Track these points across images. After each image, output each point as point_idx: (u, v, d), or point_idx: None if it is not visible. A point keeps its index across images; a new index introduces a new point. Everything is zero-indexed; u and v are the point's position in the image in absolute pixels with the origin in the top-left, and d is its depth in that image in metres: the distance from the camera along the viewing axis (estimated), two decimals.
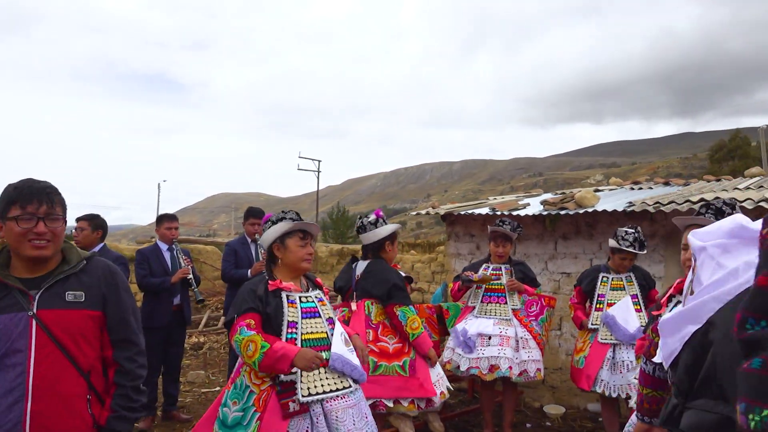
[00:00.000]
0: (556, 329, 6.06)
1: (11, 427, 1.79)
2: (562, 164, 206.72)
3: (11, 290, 1.89)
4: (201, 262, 12.11)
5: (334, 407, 2.63)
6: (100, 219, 4.79)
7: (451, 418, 5.36)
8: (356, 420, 2.67)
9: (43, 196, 1.93)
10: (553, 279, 6.12)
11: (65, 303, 1.92)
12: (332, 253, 12.15)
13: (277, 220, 2.83)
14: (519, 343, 4.64)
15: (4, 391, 1.80)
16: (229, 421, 2.59)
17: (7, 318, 1.84)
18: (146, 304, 5.25)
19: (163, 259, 5.30)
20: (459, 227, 6.76)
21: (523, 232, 4.98)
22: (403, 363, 3.68)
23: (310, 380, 2.63)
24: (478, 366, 4.54)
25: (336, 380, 2.69)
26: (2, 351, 1.81)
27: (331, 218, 47.06)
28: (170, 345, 5.32)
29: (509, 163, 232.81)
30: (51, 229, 1.92)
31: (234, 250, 5.54)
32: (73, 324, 1.92)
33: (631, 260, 4.47)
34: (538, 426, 5.33)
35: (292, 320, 2.69)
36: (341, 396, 2.67)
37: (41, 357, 1.85)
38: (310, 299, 2.82)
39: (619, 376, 4.27)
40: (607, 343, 4.38)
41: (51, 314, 1.89)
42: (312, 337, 2.71)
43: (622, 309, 4.33)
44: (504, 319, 4.67)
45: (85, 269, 2.02)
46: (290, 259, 2.80)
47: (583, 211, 5.54)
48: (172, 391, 5.41)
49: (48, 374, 1.85)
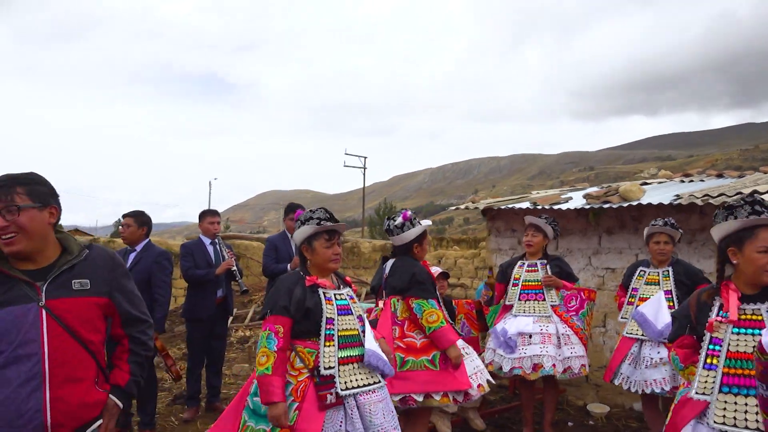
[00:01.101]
0: (600, 326, 5.92)
1: (32, 414, 1.85)
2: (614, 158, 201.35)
3: (16, 282, 1.92)
4: (248, 257, 12.37)
5: (367, 401, 2.73)
6: (146, 216, 4.95)
7: (491, 414, 5.30)
8: (385, 414, 2.77)
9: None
10: (597, 275, 5.97)
11: (72, 291, 1.98)
12: (375, 249, 12.21)
13: (304, 221, 2.87)
14: (561, 340, 4.54)
15: (23, 381, 1.85)
16: (262, 411, 2.64)
17: (17, 310, 1.89)
18: (190, 296, 5.40)
19: (206, 252, 5.44)
20: (500, 222, 6.67)
21: (558, 227, 4.86)
22: (432, 357, 3.65)
23: (345, 375, 2.73)
24: (521, 366, 4.45)
25: (367, 376, 2.80)
26: (16, 342, 1.86)
27: (378, 215, 47.40)
28: (213, 337, 5.46)
29: (559, 157, 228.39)
30: (12, 221, 1.90)
31: (275, 245, 5.64)
32: (81, 311, 1.98)
33: (667, 243, 4.28)
34: (580, 425, 5.21)
35: (330, 317, 2.77)
36: (372, 390, 2.78)
37: (55, 345, 1.91)
38: (343, 296, 2.90)
39: (639, 372, 4.16)
40: (632, 338, 4.27)
41: (60, 303, 1.94)
42: (346, 333, 2.80)
43: (653, 305, 4.19)
44: (543, 316, 4.58)
45: (87, 257, 2.07)
46: (317, 260, 2.87)
47: (627, 204, 5.38)
48: (215, 383, 5.55)
49: (62, 361, 1.92)
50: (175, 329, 9.18)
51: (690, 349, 2.46)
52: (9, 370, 1.85)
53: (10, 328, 1.87)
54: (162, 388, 6.17)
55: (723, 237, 2.46)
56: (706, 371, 2.31)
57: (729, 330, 2.29)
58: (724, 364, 2.26)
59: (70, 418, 1.92)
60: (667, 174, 7.70)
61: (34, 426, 1.85)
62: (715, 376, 2.27)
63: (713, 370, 2.29)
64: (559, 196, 6.42)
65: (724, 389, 2.24)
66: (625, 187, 5.63)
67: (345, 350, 2.76)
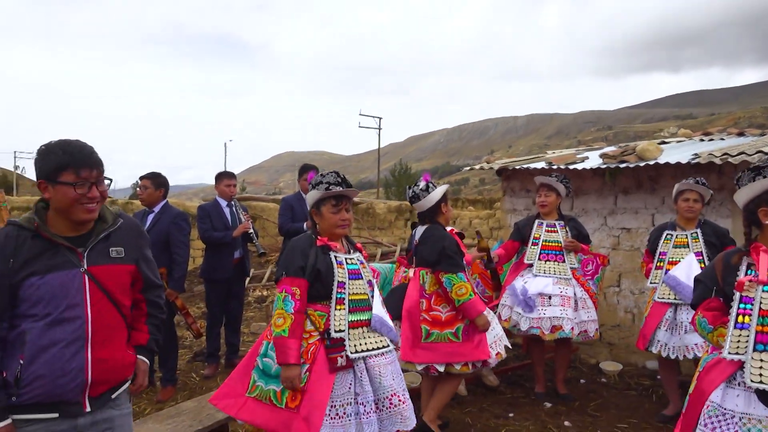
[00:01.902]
0: (615, 285, 5.93)
1: (76, 372, 1.95)
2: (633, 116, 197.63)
3: (59, 248, 2.00)
4: (264, 219, 12.47)
5: (376, 363, 2.79)
6: (162, 177, 4.99)
7: (505, 372, 5.40)
8: (394, 376, 2.85)
9: (92, 161, 2.01)
10: (612, 234, 5.95)
11: (110, 259, 2.08)
12: (390, 210, 12.23)
13: (314, 185, 2.88)
14: (578, 303, 4.59)
15: (68, 342, 1.95)
16: (273, 371, 2.70)
17: (63, 275, 1.97)
18: (208, 258, 5.49)
19: (223, 214, 5.50)
20: (515, 182, 6.64)
21: (570, 184, 4.84)
22: (456, 330, 3.73)
23: (355, 338, 2.77)
24: (539, 326, 4.49)
25: (376, 339, 2.85)
26: (63, 305, 1.95)
27: (393, 175, 47.26)
28: (231, 297, 5.57)
29: (576, 116, 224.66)
30: (101, 191, 2.04)
31: (290, 205, 5.68)
32: (117, 277, 2.09)
33: (696, 201, 4.21)
34: (592, 382, 5.28)
35: (341, 280, 2.79)
36: (382, 354, 2.83)
37: (96, 309, 2.01)
38: (354, 261, 2.91)
39: (677, 337, 4.12)
40: (666, 303, 4.22)
41: (100, 270, 2.04)
42: (357, 297, 2.83)
43: (684, 268, 4.14)
44: (563, 278, 4.60)
45: (121, 227, 2.15)
46: (325, 225, 2.89)
47: (644, 164, 5.31)
48: (233, 341, 5.69)
49: (102, 324, 2.02)
50: (194, 289, 9.37)
51: (718, 312, 2.42)
52: (55, 331, 1.94)
53: (57, 292, 1.95)
54: (182, 345, 6.34)
55: (752, 198, 2.40)
56: (738, 331, 2.28)
57: (760, 289, 2.25)
58: (757, 323, 2.23)
59: (107, 378, 2.04)
60: (687, 133, 7.56)
61: (76, 384, 1.95)
62: (748, 335, 2.24)
63: (746, 329, 2.25)
64: (574, 155, 6.35)
65: (759, 347, 2.21)
66: (642, 146, 5.54)
67: (355, 314, 2.80)
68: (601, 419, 4.38)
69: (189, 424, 3.12)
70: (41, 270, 1.94)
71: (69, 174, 1.96)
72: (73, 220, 2.03)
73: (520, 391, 5.01)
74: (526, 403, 4.70)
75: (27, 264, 1.94)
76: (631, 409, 4.59)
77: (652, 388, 5.04)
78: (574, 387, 5.08)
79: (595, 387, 5.14)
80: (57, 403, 1.95)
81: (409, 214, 12.91)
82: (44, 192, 2.01)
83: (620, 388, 5.11)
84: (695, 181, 4.23)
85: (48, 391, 1.93)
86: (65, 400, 1.96)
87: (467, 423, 4.26)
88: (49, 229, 2.01)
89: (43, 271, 1.95)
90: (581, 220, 6.02)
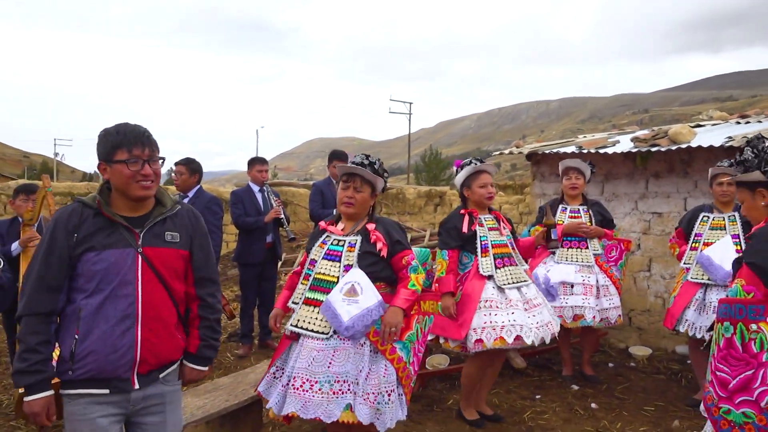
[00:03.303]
0: (645, 270, 5.89)
1: (126, 350, 2.04)
2: (670, 99, 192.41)
3: (118, 227, 2.10)
4: (295, 204, 12.64)
5: (307, 345, 2.77)
6: (196, 163, 5.14)
7: (532, 355, 5.44)
8: (312, 363, 2.72)
9: (145, 139, 2.11)
10: (643, 219, 5.90)
11: (165, 242, 2.16)
12: (420, 195, 12.27)
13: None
14: (600, 291, 4.59)
15: (119, 319, 2.04)
16: None
17: (118, 252, 2.07)
18: (241, 242, 5.64)
19: (255, 199, 5.64)
20: (545, 167, 6.62)
21: (594, 168, 4.83)
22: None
23: (303, 314, 2.84)
24: (561, 315, 4.50)
25: (322, 324, 2.78)
26: (116, 282, 2.05)
27: (424, 161, 47.10)
28: (264, 280, 5.72)
29: (611, 100, 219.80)
30: (154, 170, 2.13)
31: (320, 190, 5.78)
32: (170, 261, 2.16)
33: (731, 185, 4.16)
34: (620, 366, 5.29)
35: (313, 258, 2.94)
36: (315, 338, 2.77)
37: (147, 288, 2.09)
38: (341, 243, 2.92)
39: (705, 317, 4.11)
40: (697, 283, 4.21)
41: (153, 251, 2.12)
42: (322, 277, 2.86)
43: (719, 249, 4.11)
44: (586, 265, 4.61)
45: (178, 213, 2.24)
46: (338, 204, 3.03)
47: (676, 147, 5.25)
48: (266, 322, 5.84)
49: (152, 305, 2.10)
50: (228, 273, 9.59)
51: None
52: (107, 307, 2.04)
53: (111, 269, 2.05)
54: None
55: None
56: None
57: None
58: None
59: (154, 356, 2.11)
60: (723, 116, 7.41)
61: (126, 361, 2.04)
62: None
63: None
64: (606, 139, 6.29)
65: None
66: (674, 129, 5.47)
67: (314, 292, 2.84)
68: (628, 402, 4.40)
69: (225, 398, 3.26)
70: (98, 246, 2.05)
71: (122, 153, 2.06)
72: (130, 198, 2.12)
73: (548, 374, 5.05)
74: (553, 386, 4.74)
75: (86, 239, 2.05)
76: (658, 392, 4.59)
77: (681, 373, 5.02)
78: (602, 371, 5.11)
79: (623, 371, 5.15)
80: (109, 379, 2.05)
81: (439, 200, 12.92)
82: (103, 173, 2.12)
83: (649, 372, 5.11)
84: (729, 163, 4.19)
85: (100, 366, 2.02)
86: (116, 377, 2.05)
87: (494, 403, 4.32)
88: (110, 208, 2.12)
89: (100, 247, 2.05)
90: (612, 204, 6.00)
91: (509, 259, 3.85)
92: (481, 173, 3.87)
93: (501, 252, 3.83)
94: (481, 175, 3.87)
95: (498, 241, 3.87)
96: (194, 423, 3.01)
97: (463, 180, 3.91)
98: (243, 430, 3.38)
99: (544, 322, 3.79)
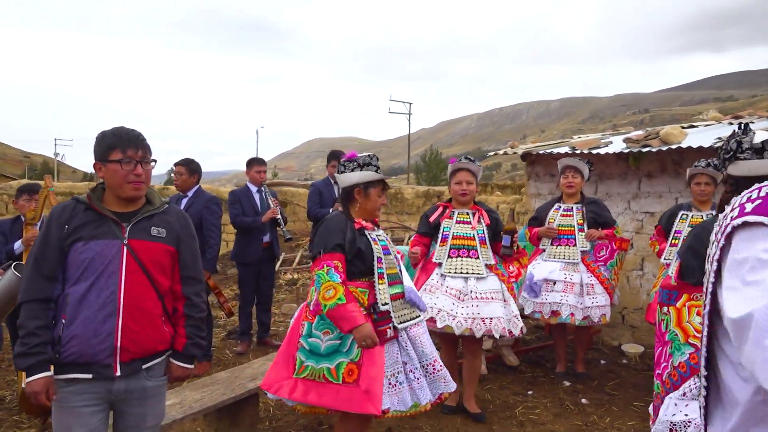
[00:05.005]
0: (638, 269, 5.98)
1: (106, 336, 2.15)
2: (670, 99, 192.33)
3: (106, 220, 2.22)
4: (295, 204, 12.72)
5: (416, 333, 2.96)
6: (195, 164, 5.23)
7: (525, 352, 5.53)
8: (431, 344, 3.04)
9: (139, 142, 2.24)
10: (636, 219, 5.99)
11: (150, 236, 2.27)
12: (418, 195, 12.35)
13: (363, 165, 2.97)
14: (584, 289, 4.65)
15: (100, 306, 2.15)
16: (322, 350, 2.75)
17: (104, 243, 2.19)
18: (239, 242, 5.73)
19: (253, 199, 5.72)
20: (539, 167, 6.71)
21: (592, 167, 4.91)
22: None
23: (396, 310, 2.91)
24: (541, 311, 4.67)
25: (411, 310, 3.01)
26: (99, 271, 2.17)
27: (424, 161, 47.18)
28: (261, 278, 5.80)
29: (612, 100, 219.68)
30: (145, 171, 2.25)
31: (319, 190, 5.87)
32: (155, 254, 2.27)
33: (708, 184, 4.33)
34: (613, 363, 5.37)
35: (379, 256, 2.92)
36: (417, 323, 3.01)
37: (131, 279, 2.20)
38: (382, 238, 3.04)
39: None
40: None
41: (139, 244, 2.23)
42: (390, 272, 2.96)
43: None
44: (571, 263, 4.69)
45: (166, 211, 2.36)
46: (368, 207, 3.00)
47: (667, 148, 5.34)
48: (264, 320, 5.94)
49: (134, 294, 2.20)
50: (228, 272, 9.69)
51: None
52: (91, 295, 2.15)
53: (97, 258, 2.17)
54: (217, 324, 6.63)
55: None
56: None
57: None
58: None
59: (136, 345, 2.20)
60: (717, 116, 7.50)
61: (106, 346, 2.15)
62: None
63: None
64: (599, 140, 6.38)
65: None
66: (666, 130, 5.56)
67: (392, 287, 2.93)
68: (618, 397, 4.49)
69: (222, 392, 3.35)
70: (86, 236, 2.18)
71: (117, 153, 2.19)
72: (122, 197, 2.24)
73: (540, 370, 5.14)
74: (545, 382, 4.84)
75: (76, 230, 2.18)
76: (648, 388, 4.67)
77: None
78: (594, 367, 5.19)
79: (614, 368, 5.24)
80: (90, 363, 2.15)
81: (437, 199, 13.00)
82: (98, 172, 2.24)
83: (640, 368, 5.20)
84: (706, 163, 4.32)
85: (82, 350, 2.13)
86: (97, 361, 2.15)
87: (487, 399, 4.42)
88: (101, 203, 2.25)
89: (88, 237, 2.18)
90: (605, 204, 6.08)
91: (467, 251, 3.95)
92: (459, 171, 4.04)
93: (461, 243, 3.96)
94: (457, 173, 4.05)
95: (462, 233, 4.00)
96: (192, 416, 3.09)
97: (449, 177, 4.13)
98: (241, 423, 3.47)
99: (480, 316, 3.81)
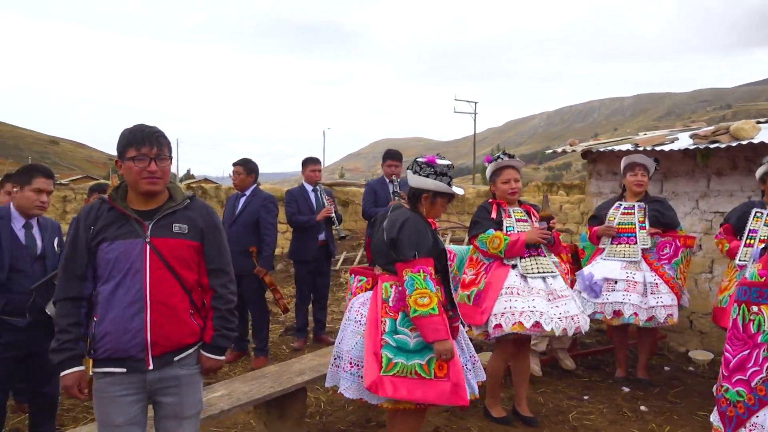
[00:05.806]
0: (707, 272, 5.68)
1: (136, 332, 2.23)
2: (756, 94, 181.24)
3: (129, 220, 2.30)
4: (356, 203, 12.88)
5: (461, 329, 3.12)
6: (253, 163, 5.39)
7: (583, 356, 5.36)
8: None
9: (153, 139, 2.26)
10: (705, 219, 5.69)
11: (172, 233, 2.32)
12: (479, 195, 12.26)
13: (439, 174, 2.99)
14: (647, 288, 4.45)
15: (128, 303, 2.24)
16: (411, 346, 2.81)
17: (128, 243, 2.26)
18: (295, 239, 5.86)
19: (308, 198, 5.84)
20: (601, 165, 6.48)
21: (660, 166, 4.70)
22: (470, 293, 3.86)
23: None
24: (602, 311, 4.47)
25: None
26: (125, 270, 2.25)
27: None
28: (317, 276, 5.91)
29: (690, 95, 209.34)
30: (161, 167, 2.28)
31: (374, 189, 5.92)
32: (178, 250, 2.32)
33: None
34: (678, 370, 5.12)
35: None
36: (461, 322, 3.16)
37: (155, 276, 2.26)
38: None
39: None
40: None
41: (161, 241, 2.29)
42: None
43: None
44: (632, 261, 4.51)
45: (188, 207, 2.40)
46: (431, 213, 3.07)
47: (737, 143, 5.04)
48: (320, 317, 6.04)
49: (160, 290, 2.27)
50: (290, 269, 9.91)
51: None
52: (120, 292, 2.24)
53: (121, 258, 2.26)
54: (275, 320, 6.79)
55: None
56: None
57: None
58: None
59: (166, 339, 2.28)
60: None
61: (137, 341, 2.23)
62: None
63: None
64: (664, 137, 6.10)
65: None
66: (736, 125, 5.24)
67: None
68: (680, 406, 4.28)
69: (270, 385, 3.43)
70: (110, 237, 2.26)
71: (132, 150, 2.26)
72: (139, 192, 2.31)
73: (598, 375, 4.97)
74: (603, 387, 4.67)
75: (101, 231, 2.27)
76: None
77: None
78: (657, 374, 4.97)
79: (679, 375, 4.99)
80: (124, 358, 2.23)
81: None
82: (119, 169, 2.33)
83: (708, 377, 4.93)
84: None
85: (115, 346, 2.21)
86: (130, 356, 2.24)
87: (539, 402, 4.31)
88: (124, 203, 2.33)
89: (112, 237, 2.26)
90: (671, 203, 5.80)
91: (536, 249, 3.86)
92: (504, 169, 3.91)
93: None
94: (504, 171, 3.91)
95: None
96: (239, 407, 3.19)
97: (489, 176, 3.99)
98: (289, 415, 3.54)
99: (569, 314, 3.75)
